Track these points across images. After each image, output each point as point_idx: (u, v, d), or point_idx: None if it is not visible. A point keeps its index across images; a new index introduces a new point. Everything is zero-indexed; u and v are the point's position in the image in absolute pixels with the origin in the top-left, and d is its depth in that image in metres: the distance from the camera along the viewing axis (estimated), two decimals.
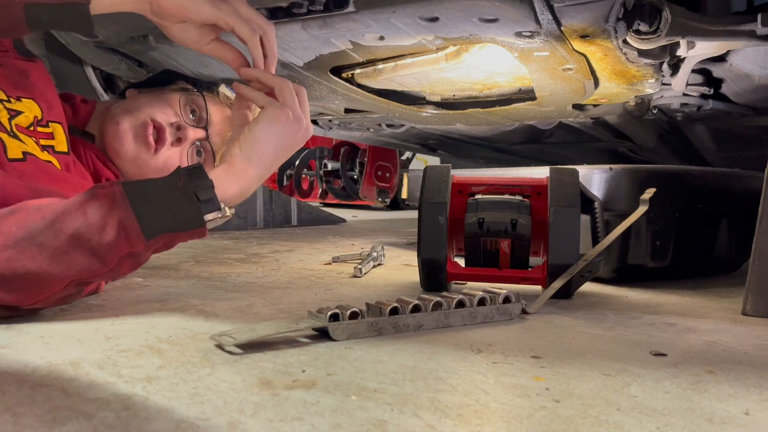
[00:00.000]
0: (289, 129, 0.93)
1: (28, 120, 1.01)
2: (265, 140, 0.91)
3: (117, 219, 0.81)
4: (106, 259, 0.82)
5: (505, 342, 0.81)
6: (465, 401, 0.59)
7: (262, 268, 1.46)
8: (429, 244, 1.12)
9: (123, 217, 0.81)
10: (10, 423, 0.52)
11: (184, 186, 0.84)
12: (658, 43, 0.99)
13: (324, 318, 0.80)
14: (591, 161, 1.63)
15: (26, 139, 0.99)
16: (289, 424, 0.53)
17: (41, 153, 0.99)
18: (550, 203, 1.09)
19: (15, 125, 0.98)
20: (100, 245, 0.81)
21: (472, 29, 1.04)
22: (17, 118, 0.99)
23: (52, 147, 1.03)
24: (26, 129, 1.00)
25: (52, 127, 1.05)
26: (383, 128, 1.96)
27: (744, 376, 0.69)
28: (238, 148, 0.91)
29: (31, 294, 0.83)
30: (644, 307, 1.07)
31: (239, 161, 0.91)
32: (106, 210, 0.81)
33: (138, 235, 0.82)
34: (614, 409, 0.58)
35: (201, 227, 0.85)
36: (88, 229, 0.81)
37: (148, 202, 0.83)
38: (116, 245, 0.82)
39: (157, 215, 0.83)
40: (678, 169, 1.36)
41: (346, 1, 1.01)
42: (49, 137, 1.03)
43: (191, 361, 0.70)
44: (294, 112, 0.94)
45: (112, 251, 0.82)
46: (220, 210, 0.86)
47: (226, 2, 0.89)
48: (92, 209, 0.81)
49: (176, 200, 0.84)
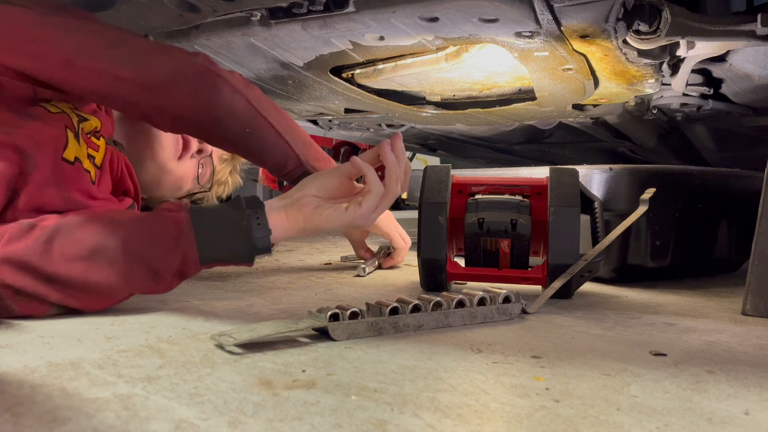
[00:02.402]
0: (357, 224, 0.96)
1: (90, 127, 1.07)
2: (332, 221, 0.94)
3: (182, 248, 0.88)
4: (164, 279, 0.90)
5: (505, 342, 0.81)
6: (465, 401, 0.59)
7: (262, 268, 1.46)
8: (429, 244, 1.12)
9: (187, 247, 0.89)
10: (10, 423, 0.52)
11: (246, 227, 0.91)
12: (658, 43, 0.99)
13: (324, 318, 0.80)
14: (591, 161, 1.63)
15: (83, 145, 1.04)
16: (289, 424, 0.53)
17: (86, 161, 1.04)
18: (550, 203, 1.09)
19: (82, 128, 1.04)
20: (162, 268, 0.89)
21: (472, 29, 1.04)
22: (84, 123, 1.05)
23: (94, 158, 1.07)
24: (86, 135, 1.05)
25: (101, 142, 1.10)
26: (383, 128, 1.96)
27: (744, 376, 0.69)
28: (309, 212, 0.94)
29: (94, 302, 0.90)
30: (644, 307, 1.07)
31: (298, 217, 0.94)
32: (174, 237, 0.88)
33: (195, 262, 0.90)
34: (614, 409, 0.58)
35: (250, 263, 0.93)
36: (155, 253, 0.88)
37: (210, 235, 0.90)
38: (174, 269, 0.89)
39: (215, 248, 0.91)
40: (678, 169, 1.36)
41: (346, 1, 1.01)
42: (96, 149, 1.08)
43: (191, 361, 0.70)
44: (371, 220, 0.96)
45: (169, 273, 0.90)
46: (270, 253, 0.94)
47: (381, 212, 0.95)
48: (162, 234, 0.89)
49: (236, 240, 0.91)
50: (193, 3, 1.05)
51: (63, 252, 0.85)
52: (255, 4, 1.05)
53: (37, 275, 0.84)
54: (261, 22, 1.10)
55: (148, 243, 0.89)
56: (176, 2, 1.06)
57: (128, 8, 1.09)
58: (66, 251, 0.85)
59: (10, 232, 0.86)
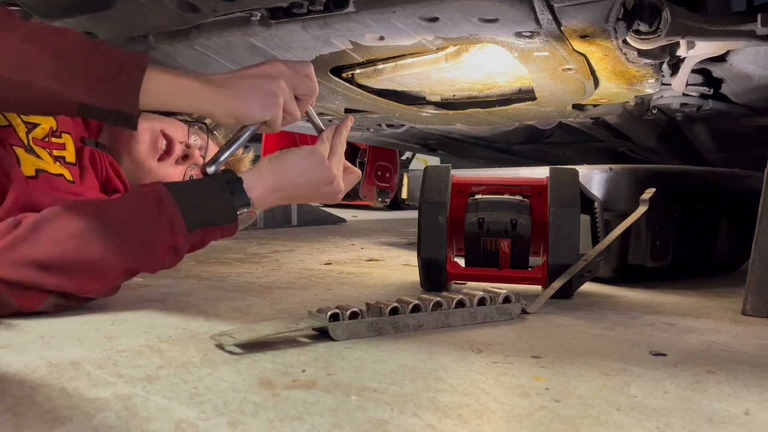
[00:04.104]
0: (321, 174, 0.99)
1: (44, 131, 1.05)
2: (295, 165, 0.99)
3: (166, 213, 0.89)
4: (155, 250, 0.90)
5: (505, 342, 0.81)
6: (465, 401, 0.59)
7: (262, 268, 1.46)
8: (429, 244, 1.12)
9: (171, 212, 0.89)
10: (10, 423, 0.52)
11: (221, 183, 0.93)
12: (658, 43, 0.99)
13: (324, 318, 0.80)
14: (591, 161, 1.63)
15: (41, 152, 1.03)
16: (289, 424, 0.53)
17: (53, 165, 1.03)
18: (550, 203, 1.09)
19: (32, 138, 1.03)
20: (151, 237, 0.89)
21: (472, 29, 1.04)
22: (34, 130, 1.04)
23: (63, 158, 1.06)
24: (41, 140, 1.04)
25: (64, 138, 1.09)
26: (383, 128, 1.96)
27: (744, 376, 0.69)
28: (267, 160, 1.00)
29: (90, 281, 0.90)
30: (644, 307, 1.07)
31: (266, 170, 0.98)
32: (155, 205, 0.89)
33: (181, 227, 0.89)
34: (614, 409, 0.58)
35: (233, 221, 0.93)
36: (141, 224, 0.89)
37: (189, 198, 0.91)
38: (163, 237, 0.89)
39: (197, 209, 0.91)
40: (678, 169, 1.36)
41: (346, 1, 1.01)
42: (61, 148, 1.07)
43: (191, 361, 0.70)
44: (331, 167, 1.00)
45: (160, 243, 0.89)
46: (249, 205, 0.94)
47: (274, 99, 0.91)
48: (144, 205, 0.89)
49: (214, 195, 0.93)
50: (193, 3, 1.05)
51: (52, 235, 0.85)
52: (255, 4, 1.05)
53: (30, 264, 0.84)
54: (261, 22, 1.10)
55: (133, 215, 0.89)
56: (176, 2, 1.06)
57: (128, 8, 1.09)
58: (55, 234, 0.86)
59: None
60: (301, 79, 0.94)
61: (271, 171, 0.98)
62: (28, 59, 0.78)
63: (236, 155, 1.42)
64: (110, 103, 0.80)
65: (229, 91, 0.88)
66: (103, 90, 0.80)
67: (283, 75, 0.92)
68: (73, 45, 0.80)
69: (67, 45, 0.80)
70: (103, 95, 0.80)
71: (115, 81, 0.80)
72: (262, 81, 0.91)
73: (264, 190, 0.96)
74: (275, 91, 0.90)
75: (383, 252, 1.88)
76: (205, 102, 0.87)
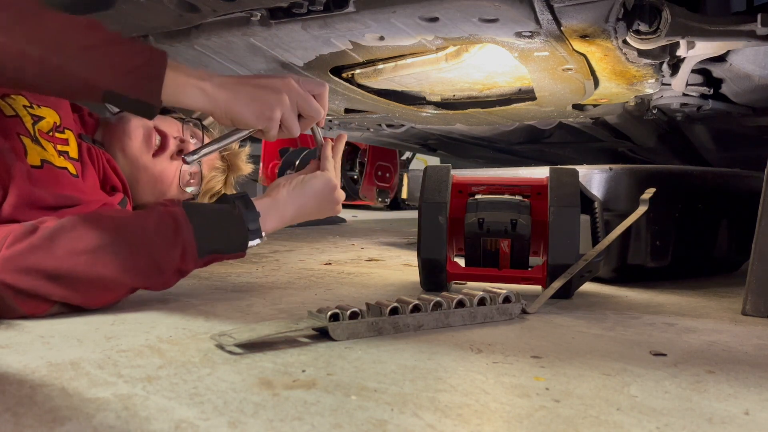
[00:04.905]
0: (332, 199, 1.08)
1: (48, 125, 1.07)
2: (314, 195, 1.06)
3: (181, 239, 0.92)
4: (164, 272, 0.93)
5: (505, 342, 0.81)
6: (465, 401, 0.59)
7: (262, 268, 1.46)
8: (429, 244, 1.12)
9: (186, 238, 0.92)
10: (10, 423, 0.52)
11: (239, 216, 0.98)
12: (658, 43, 0.99)
13: (324, 318, 0.80)
14: (591, 161, 1.63)
15: (46, 145, 1.04)
16: (289, 424, 0.53)
17: (58, 158, 1.04)
18: (550, 203, 1.09)
19: (38, 130, 1.04)
20: (163, 260, 0.92)
21: (472, 29, 1.04)
22: (40, 123, 1.05)
23: (66, 153, 1.07)
24: (46, 134, 1.05)
25: (67, 134, 1.10)
26: (383, 128, 1.96)
27: (744, 376, 0.69)
28: (285, 190, 1.05)
29: (98, 296, 0.91)
30: (644, 307, 1.07)
31: (283, 200, 1.04)
32: (173, 229, 0.92)
33: (193, 254, 0.93)
34: (614, 409, 0.58)
35: (242, 252, 0.99)
36: (157, 246, 0.91)
37: (206, 226, 0.95)
38: (175, 261, 0.92)
39: (211, 238, 0.95)
40: (678, 169, 1.36)
41: (346, 1, 1.01)
42: (65, 143, 1.08)
43: (191, 361, 0.70)
44: (339, 191, 1.09)
45: (170, 266, 0.92)
46: (262, 239, 1.01)
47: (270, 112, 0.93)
48: (162, 228, 0.92)
49: (230, 227, 0.97)
50: (193, 3, 1.05)
51: (67, 247, 0.86)
52: (255, 4, 1.05)
53: (40, 274, 0.85)
54: (261, 22, 1.10)
55: (149, 236, 0.91)
56: (176, 2, 1.06)
57: (128, 8, 1.09)
58: (70, 246, 0.86)
59: (14, 234, 0.86)
60: (308, 99, 0.96)
61: (291, 201, 1.04)
62: (64, 44, 0.81)
63: (232, 150, 1.44)
64: (135, 93, 0.83)
65: (231, 94, 0.91)
66: (129, 80, 0.83)
67: (290, 91, 0.94)
68: (105, 36, 0.83)
69: (99, 36, 0.83)
70: (129, 85, 0.83)
71: (143, 73, 0.84)
72: (264, 92, 0.93)
73: (278, 223, 1.04)
74: (274, 104, 0.93)
75: (383, 252, 1.88)
76: (208, 101, 0.90)
